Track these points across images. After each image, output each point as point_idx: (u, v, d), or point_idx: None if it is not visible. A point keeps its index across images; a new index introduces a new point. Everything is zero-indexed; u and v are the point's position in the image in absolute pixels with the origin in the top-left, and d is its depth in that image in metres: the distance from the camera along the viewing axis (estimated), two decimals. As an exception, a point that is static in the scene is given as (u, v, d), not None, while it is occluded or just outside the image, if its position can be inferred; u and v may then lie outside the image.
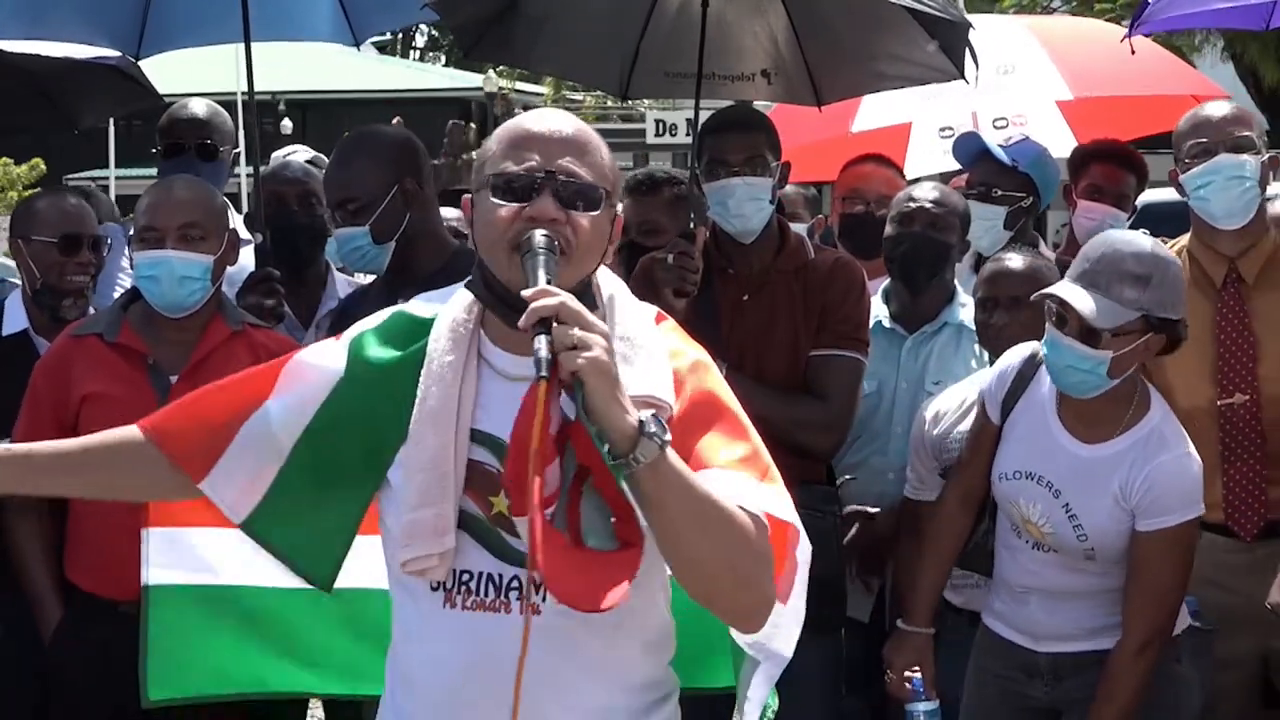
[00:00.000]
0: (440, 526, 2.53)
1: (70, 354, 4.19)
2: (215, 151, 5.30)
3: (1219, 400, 4.27)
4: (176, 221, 4.13)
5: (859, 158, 5.90)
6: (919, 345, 4.94)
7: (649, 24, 5.21)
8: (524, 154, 2.54)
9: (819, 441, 4.45)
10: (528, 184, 2.52)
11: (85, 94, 6.48)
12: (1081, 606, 3.92)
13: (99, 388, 4.11)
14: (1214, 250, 4.38)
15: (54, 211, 4.69)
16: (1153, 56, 8.07)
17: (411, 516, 2.55)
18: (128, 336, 4.17)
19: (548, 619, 2.49)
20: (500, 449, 2.51)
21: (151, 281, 4.13)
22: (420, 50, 63.74)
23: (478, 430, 2.56)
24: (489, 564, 2.56)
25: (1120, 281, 3.76)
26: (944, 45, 4.90)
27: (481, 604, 2.56)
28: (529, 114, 2.67)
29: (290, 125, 37.36)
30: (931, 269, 4.90)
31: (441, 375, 2.56)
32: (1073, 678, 3.95)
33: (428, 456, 2.54)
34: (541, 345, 2.31)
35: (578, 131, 2.58)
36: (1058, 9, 20.48)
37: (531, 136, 2.56)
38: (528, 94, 41.96)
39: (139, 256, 4.15)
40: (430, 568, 2.55)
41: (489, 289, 2.56)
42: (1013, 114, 7.75)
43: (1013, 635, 4.03)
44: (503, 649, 2.49)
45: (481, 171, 2.59)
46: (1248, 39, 18.52)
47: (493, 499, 2.55)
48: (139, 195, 4.37)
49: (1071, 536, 3.87)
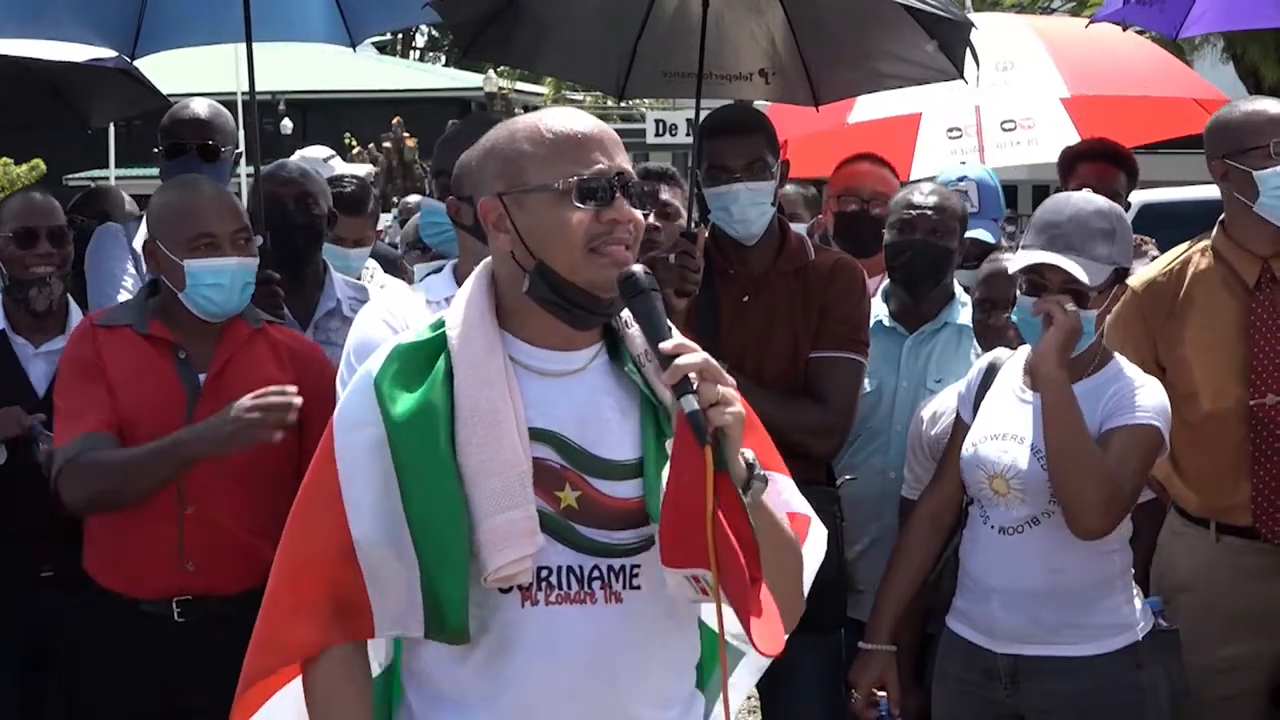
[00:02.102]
0: (530, 527, 2.52)
1: (99, 344, 4.11)
2: (217, 152, 5.29)
3: (1250, 400, 4.23)
4: (231, 228, 4.08)
5: (853, 156, 5.91)
6: (919, 345, 4.95)
7: (646, 24, 5.21)
8: (588, 155, 2.56)
9: (819, 443, 4.45)
10: (605, 187, 2.54)
11: (95, 95, 6.53)
12: (1041, 605, 3.91)
13: (130, 380, 4.04)
14: (1248, 250, 4.32)
15: (12, 207, 4.75)
16: (1151, 57, 8.10)
17: (496, 521, 2.51)
18: (158, 328, 4.11)
19: (629, 606, 2.56)
20: (560, 444, 2.56)
21: (215, 289, 4.05)
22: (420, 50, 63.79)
23: (534, 428, 2.56)
24: (567, 557, 2.56)
25: (1092, 239, 3.84)
26: (943, 45, 4.90)
27: (566, 597, 2.56)
28: (555, 114, 2.65)
29: (290, 125, 37.39)
30: (935, 276, 4.92)
31: (488, 379, 2.55)
32: (1032, 682, 3.93)
33: (499, 459, 2.52)
34: (694, 404, 2.42)
35: (613, 132, 2.63)
36: (1057, 8, 20.49)
37: (586, 138, 2.58)
38: (527, 94, 42.03)
39: (197, 264, 4.03)
40: (521, 571, 2.53)
41: (557, 292, 2.56)
42: (1020, 117, 7.76)
43: (973, 635, 4.02)
44: (592, 638, 2.55)
45: (521, 175, 2.57)
46: (1248, 39, 18.53)
47: (559, 494, 2.56)
48: (139, 195, 4.35)
49: (1036, 468, 3.86)
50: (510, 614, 2.56)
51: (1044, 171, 6.35)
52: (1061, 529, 3.87)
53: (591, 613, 2.56)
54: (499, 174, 2.60)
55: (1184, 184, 10.96)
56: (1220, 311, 4.24)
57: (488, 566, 2.51)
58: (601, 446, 2.58)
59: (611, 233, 2.54)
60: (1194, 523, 4.35)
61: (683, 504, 2.45)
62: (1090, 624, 3.92)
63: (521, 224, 2.57)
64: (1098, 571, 3.92)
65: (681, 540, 2.46)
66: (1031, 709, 3.96)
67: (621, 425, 2.60)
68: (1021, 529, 3.93)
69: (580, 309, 2.56)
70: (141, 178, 26.53)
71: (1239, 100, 4.51)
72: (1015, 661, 3.95)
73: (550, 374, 2.60)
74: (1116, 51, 7.61)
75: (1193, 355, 4.26)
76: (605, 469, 2.57)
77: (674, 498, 2.47)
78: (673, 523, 2.47)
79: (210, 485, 3.98)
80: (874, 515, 4.71)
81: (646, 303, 2.52)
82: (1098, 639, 3.92)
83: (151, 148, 5.50)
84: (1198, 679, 4.09)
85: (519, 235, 2.58)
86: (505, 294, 2.63)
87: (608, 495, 2.57)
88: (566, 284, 2.56)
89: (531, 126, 2.60)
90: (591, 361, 2.63)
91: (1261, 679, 4.31)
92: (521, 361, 2.60)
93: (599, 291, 2.55)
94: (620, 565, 2.57)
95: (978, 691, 4.02)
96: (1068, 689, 3.91)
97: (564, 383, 2.58)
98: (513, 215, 2.58)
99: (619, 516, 2.57)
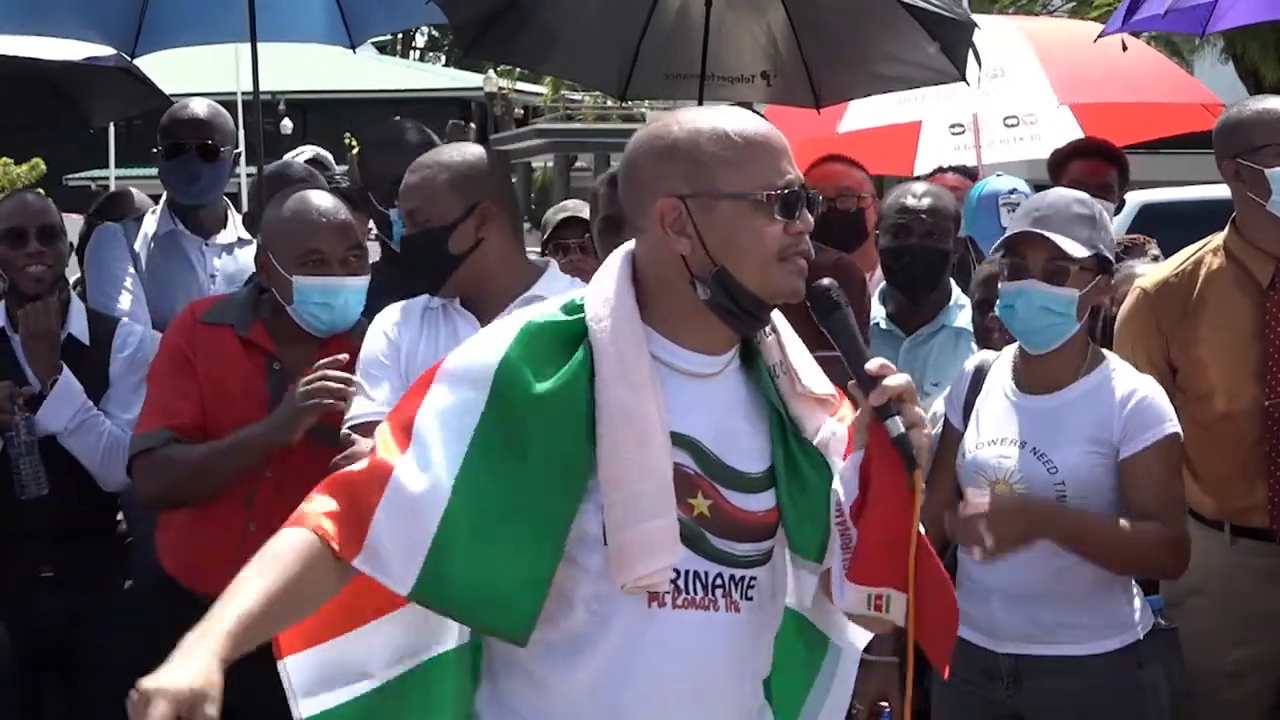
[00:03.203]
0: (672, 536, 2.49)
1: (198, 339, 4.09)
2: (216, 152, 5.29)
3: (1266, 401, 4.19)
4: (344, 246, 4.03)
5: (820, 159, 5.91)
6: (916, 347, 4.95)
7: (649, 25, 5.21)
8: (780, 164, 2.53)
9: (818, 442, 4.44)
10: (798, 199, 2.52)
11: (96, 94, 6.52)
12: (1041, 605, 3.91)
13: (219, 382, 4.03)
14: (1262, 250, 4.28)
15: (2, 209, 4.73)
16: (1146, 60, 8.07)
17: (638, 530, 2.46)
18: (259, 334, 4.08)
19: (744, 617, 2.57)
20: (697, 451, 2.53)
21: (324, 309, 4.01)
22: (420, 50, 63.80)
23: (675, 433, 2.52)
24: (695, 563, 2.54)
25: (1071, 222, 3.85)
26: (945, 46, 4.90)
27: (692, 601, 2.54)
28: (734, 116, 2.58)
29: (290, 125, 37.40)
30: (932, 279, 4.92)
31: (635, 380, 2.49)
32: (1033, 682, 3.93)
33: (643, 464, 2.46)
34: (901, 427, 2.46)
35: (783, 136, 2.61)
36: (1057, 8, 20.48)
37: (776, 147, 2.53)
38: (528, 94, 42.05)
39: (306, 282, 3.99)
40: (660, 580, 2.50)
41: (735, 300, 2.52)
42: (1024, 112, 7.76)
43: (973, 635, 4.01)
44: (711, 644, 2.55)
45: (711, 180, 2.51)
46: (1248, 38, 18.51)
47: (692, 501, 2.53)
48: (138, 195, 4.34)
49: (1042, 472, 3.85)
50: (636, 613, 2.53)
51: (1041, 170, 6.35)
52: None
53: (712, 619, 2.56)
54: (684, 175, 2.52)
55: (1184, 184, 10.96)
56: (1234, 312, 4.21)
57: (628, 574, 2.48)
58: (733, 457, 2.55)
59: (798, 245, 2.52)
60: (1208, 525, 4.32)
61: (884, 525, 2.48)
62: (1091, 623, 3.91)
63: (706, 229, 2.51)
64: (1097, 571, 3.92)
65: (876, 559, 2.49)
66: (1032, 708, 3.96)
67: (751, 436, 2.58)
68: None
69: (753, 317, 2.54)
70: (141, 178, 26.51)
71: (1247, 99, 4.49)
72: (1016, 661, 3.95)
73: (692, 375, 2.56)
74: (1110, 55, 7.57)
75: (1207, 356, 4.23)
76: (736, 480, 2.55)
77: (874, 518, 2.49)
78: (871, 542, 2.49)
79: (277, 504, 3.94)
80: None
81: (844, 319, 2.54)
82: (1098, 638, 3.91)
83: (151, 148, 5.50)
84: (1206, 682, 4.08)
85: (700, 239, 2.51)
86: (653, 291, 2.56)
87: (736, 506, 2.55)
88: (746, 292, 2.52)
89: (717, 128, 2.52)
90: (727, 366, 2.59)
91: (1269, 682, 4.30)
92: (664, 360, 2.55)
93: (779, 300, 2.54)
94: (741, 575, 2.56)
95: (978, 691, 4.02)
96: (1069, 688, 3.91)
97: (703, 386, 2.55)
98: (696, 219, 2.51)
99: (746, 529, 2.56)
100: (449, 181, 3.67)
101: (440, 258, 3.65)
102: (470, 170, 3.71)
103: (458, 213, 3.66)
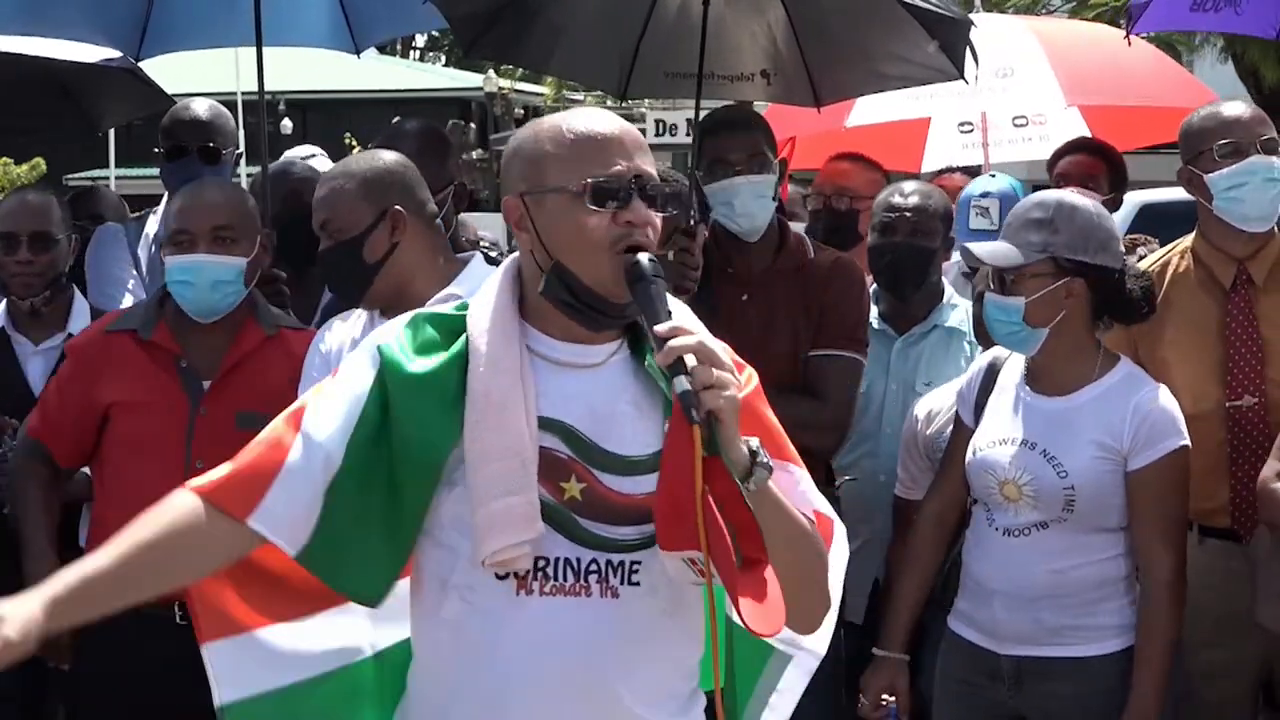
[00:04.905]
0: (530, 513, 2.54)
1: (101, 352, 4.15)
2: (218, 153, 5.29)
3: (1227, 402, 4.23)
4: (208, 224, 4.08)
5: (835, 156, 5.94)
6: (908, 347, 4.96)
7: (649, 24, 5.22)
8: (607, 157, 2.57)
9: (819, 441, 4.45)
10: (622, 189, 2.56)
11: (104, 97, 6.53)
12: (1044, 607, 3.92)
13: (129, 393, 4.07)
14: (1223, 252, 4.33)
15: (3, 208, 4.77)
16: (1153, 63, 8.06)
17: (495, 506, 2.53)
18: (162, 335, 4.13)
19: (625, 602, 2.57)
20: (568, 435, 2.57)
21: (185, 286, 4.08)
22: (420, 50, 63.71)
23: (544, 417, 2.58)
24: (566, 549, 2.58)
25: (1024, 228, 3.90)
26: (944, 45, 4.91)
27: (561, 589, 2.57)
28: (580, 115, 2.66)
29: (290, 125, 37.34)
30: (917, 277, 4.94)
31: (501, 367, 2.57)
32: (1036, 683, 3.94)
33: (504, 445, 2.53)
34: (685, 385, 2.41)
35: (637, 133, 2.64)
36: (1057, 8, 20.47)
37: (607, 139, 2.59)
38: (528, 94, 41.96)
39: (170, 261, 4.09)
40: (519, 557, 2.54)
41: (572, 293, 2.57)
42: (1033, 113, 7.76)
43: (975, 637, 4.02)
44: (584, 632, 2.56)
45: (542, 176, 2.59)
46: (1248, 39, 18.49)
47: (564, 484, 2.58)
48: (139, 195, 4.36)
49: (1052, 476, 3.87)
50: (504, 602, 2.57)
51: (1041, 170, 6.36)
52: (1067, 533, 3.88)
53: (585, 605, 2.57)
54: (522, 174, 2.62)
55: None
56: (1198, 313, 4.25)
57: (485, 549, 2.53)
58: (611, 441, 2.59)
59: (631, 235, 2.55)
60: None
61: (675, 487, 2.45)
62: (1093, 625, 3.93)
63: (540, 224, 2.59)
64: (1100, 573, 3.93)
65: (674, 523, 2.46)
66: (1034, 710, 3.97)
67: (636, 421, 2.61)
68: (1027, 532, 3.93)
69: (594, 311, 2.58)
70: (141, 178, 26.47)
71: (1203, 106, 4.56)
72: (1018, 663, 3.95)
73: (567, 365, 2.61)
74: (1119, 57, 7.58)
75: (1173, 357, 4.26)
76: (614, 463, 2.58)
77: (666, 481, 2.47)
78: (666, 506, 2.47)
79: None
80: (864, 519, 4.70)
81: (647, 288, 2.52)
82: (1100, 640, 3.93)
83: (152, 148, 5.50)
84: (1184, 683, 4.08)
85: (537, 235, 2.59)
86: (529, 289, 2.64)
87: (614, 490, 2.58)
88: (581, 286, 2.57)
89: (555, 127, 2.62)
90: (611, 357, 2.64)
91: (1246, 683, 4.31)
92: (539, 352, 2.62)
93: (611, 294, 2.56)
94: (620, 560, 2.58)
95: (980, 692, 4.03)
96: (1070, 690, 3.92)
97: (581, 375, 2.60)
98: (533, 215, 2.60)
99: (624, 512, 2.58)
100: (357, 190, 3.76)
101: (357, 267, 3.74)
102: (378, 177, 3.79)
103: (368, 220, 3.73)
